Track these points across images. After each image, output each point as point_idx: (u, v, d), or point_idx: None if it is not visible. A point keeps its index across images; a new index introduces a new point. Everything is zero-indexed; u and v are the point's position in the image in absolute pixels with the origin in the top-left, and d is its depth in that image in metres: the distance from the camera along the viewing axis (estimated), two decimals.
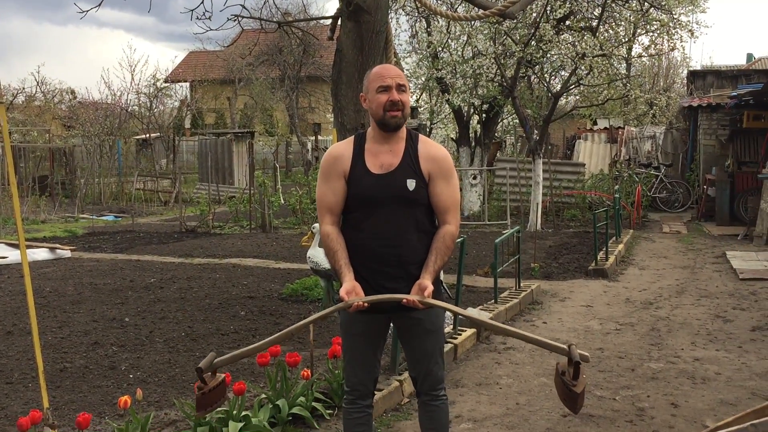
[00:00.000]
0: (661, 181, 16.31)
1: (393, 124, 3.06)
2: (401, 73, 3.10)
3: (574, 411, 2.93)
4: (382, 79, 3.05)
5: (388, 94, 3.03)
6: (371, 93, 3.08)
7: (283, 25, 10.23)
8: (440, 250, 3.06)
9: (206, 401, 2.98)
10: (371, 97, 3.08)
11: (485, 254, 10.00)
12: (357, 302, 2.90)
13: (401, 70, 3.16)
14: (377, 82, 3.06)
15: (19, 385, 4.79)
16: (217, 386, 2.98)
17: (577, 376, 2.84)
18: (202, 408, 3.00)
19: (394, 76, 3.06)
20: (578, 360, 2.82)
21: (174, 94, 28.91)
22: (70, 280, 8.51)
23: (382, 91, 3.04)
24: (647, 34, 12.91)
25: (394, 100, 3.03)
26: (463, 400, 4.72)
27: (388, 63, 6.46)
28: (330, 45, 13.41)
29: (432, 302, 2.96)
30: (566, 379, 2.88)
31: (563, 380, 2.90)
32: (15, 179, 3.39)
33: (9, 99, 26.29)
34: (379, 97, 3.05)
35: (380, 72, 3.08)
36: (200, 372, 2.92)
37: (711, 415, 4.41)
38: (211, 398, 2.99)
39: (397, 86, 3.04)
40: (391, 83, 3.04)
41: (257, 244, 11.72)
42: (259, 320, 6.52)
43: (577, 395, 2.86)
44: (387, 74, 3.07)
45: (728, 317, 6.87)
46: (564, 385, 2.90)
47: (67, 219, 16.25)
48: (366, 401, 3.25)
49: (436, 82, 14.67)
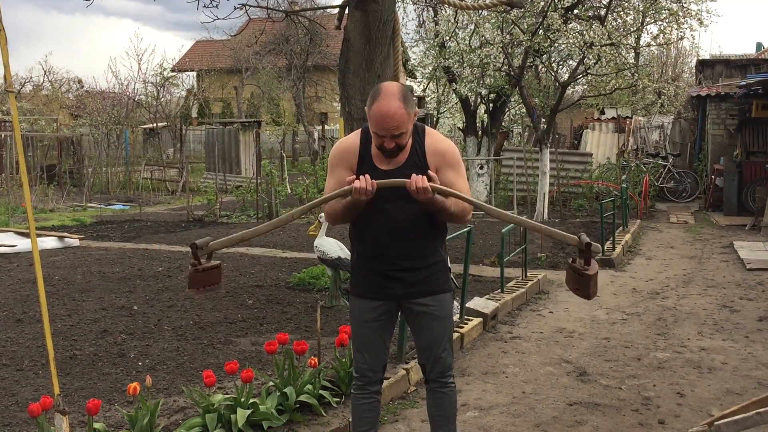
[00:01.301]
0: (668, 171, 16.26)
1: (387, 155, 3.05)
2: (399, 123, 2.93)
3: (588, 297, 2.92)
4: (379, 129, 2.95)
5: (383, 140, 2.99)
6: (371, 125, 3.00)
7: (290, 14, 10.22)
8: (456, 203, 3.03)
9: (198, 279, 2.97)
10: (370, 128, 3.01)
11: (492, 244, 10.00)
12: (363, 181, 2.88)
13: (407, 61, 3.12)
14: (375, 127, 2.96)
15: (29, 372, 4.84)
16: (211, 268, 2.97)
17: (588, 262, 2.85)
18: (194, 286, 2.98)
19: (392, 129, 2.93)
20: (588, 242, 2.83)
21: (181, 83, 28.94)
22: (79, 269, 8.57)
23: (377, 137, 3.00)
24: (656, 23, 12.82)
25: (388, 148, 2.99)
26: (470, 389, 4.74)
27: (396, 53, 6.46)
28: (337, 34, 13.39)
29: (438, 187, 2.93)
30: (578, 266, 2.88)
31: (574, 267, 2.90)
32: (25, 167, 3.41)
33: (17, 88, 26.34)
34: (375, 137, 3.01)
35: (379, 120, 2.93)
36: (194, 247, 2.91)
37: (717, 404, 4.42)
38: (205, 278, 2.99)
39: (391, 137, 2.97)
40: (386, 135, 2.95)
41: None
42: (267, 309, 6.56)
43: (590, 278, 2.85)
44: (385, 126, 2.93)
45: (735, 307, 6.87)
46: (575, 272, 2.90)
47: (75, 208, 16.32)
48: (374, 387, 3.28)
49: (443, 72, 14.62)
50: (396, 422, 4.19)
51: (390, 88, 2.97)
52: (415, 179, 2.90)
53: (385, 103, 2.92)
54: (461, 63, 13.68)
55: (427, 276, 3.14)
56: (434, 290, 3.16)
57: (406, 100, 2.96)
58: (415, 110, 3.05)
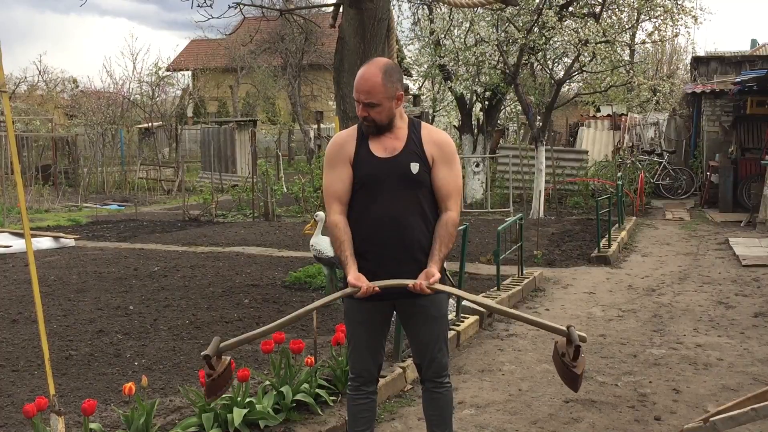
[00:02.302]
0: (664, 168, 16.28)
1: (365, 131, 3.10)
2: (371, 89, 2.98)
3: (575, 389, 2.98)
4: (355, 92, 3.02)
5: (359, 108, 3.06)
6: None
7: (284, 13, 10.21)
8: (443, 237, 3.07)
9: (215, 387, 3.01)
10: None
11: (488, 242, 10.01)
12: (366, 286, 2.92)
13: (403, 59, 3.14)
14: (354, 89, 3.03)
15: (25, 373, 4.83)
16: (224, 371, 3.01)
17: (576, 357, 2.87)
18: (212, 394, 3.03)
19: (362, 93, 3.00)
20: (578, 343, 2.85)
21: (176, 82, 28.91)
22: (75, 269, 8.55)
23: (357, 103, 3.06)
24: (650, 20, 12.84)
25: (360, 116, 3.06)
26: (466, 387, 4.75)
27: (391, 51, 6.45)
28: (332, 33, 13.37)
29: (440, 287, 2.99)
30: (566, 361, 2.91)
31: (563, 361, 2.94)
32: (19, 168, 3.40)
33: (11, 88, 26.26)
34: (356, 104, 3.08)
35: (356, 82, 3.01)
36: (208, 359, 2.95)
37: (712, 400, 4.43)
38: (220, 383, 3.02)
39: (364, 104, 3.02)
40: (358, 98, 3.02)
41: (260, 232, 11.74)
42: (263, 308, 6.55)
43: (577, 376, 2.90)
44: (357, 87, 3.01)
45: (731, 303, 6.89)
46: (564, 366, 2.93)
47: (70, 208, 16.28)
48: (370, 387, 3.27)
49: (439, 70, 14.63)
50: (392, 420, 4.19)
51: (379, 60, 3.10)
52: (415, 283, 2.93)
53: (366, 68, 3.04)
54: (456, 61, 13.69)
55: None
56: None
57: (388, 74, 3.01)
58: (399, 92, 3.07)
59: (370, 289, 2.93)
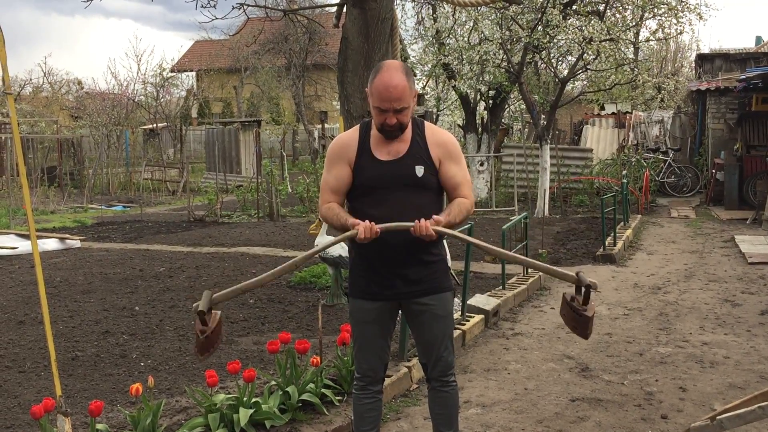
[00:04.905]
0: (669, 166, 16.24)
1: (388, 136, 3.05)
2: (402, 95, 2.92)
3: (585, 336, 2.95)
4: (381, 102, 2.94)
5: (385, 116, 2.98)
6: (372, 100, 2.99)
7: (288, 13, 10.22)
8: (454, 208, 3.04)
9: (208, 343, 2.95)
10: (372, 104, 3.01)
11: (493, 241, 9.99)
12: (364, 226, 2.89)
13: (406, 59, 3.13)
14: (377, 100, 2.95)
15: (31, 374, 4.84)
16: (216, 326, 2.95)
17: (587, 301, 2.86)
18: (204, 351, 2.96)
19: (394, 101, 2.92)
20: (588, 284, 2.84)
21: (180, 83, 28.96)
22: (80, 270, 8.57)
23: (379, 112, 2.98)
24: (655, 17, 12.81)
25: (390, 124, 2.99)
26: (472, 386, 4.74)
27: (394, 50, 6.46)
28: (336, 33, 13.38)
29: (443, 230, 2.94)
30: (576, 305, 2.89)
31: (573, 306, 2.91)
32: (24, 170, 3.41)
33: (17, 90, 26.34)
34: (376, 113, 3.00)
35: (382, 92, 2.92)
36: (202, 314, 2.89)
37: (719, 398, 4.42)
38: (212, 339, 2.96)
39: (394, 111, 2.96)
40: (389, 108, 2.94)
41: (265, 232, 11.75)
42: (268, 308, 6.56)
43: (587, 319, 2.87)
44: (388, 96, 2.91)
45: (737, 301, 6.87)
46: (573, 311, 2.91)
47: (75, 209, 16.32)
48: (376, 387, 3.27)
49: (443, 69, 14.62)
50: (398, 420, 4.19)
51: (392, 63, 3.03)
52: (419, 225, 2.90)
53: (388, 75, 2.93)
54: (460, 60, 13.68)
55: (428, 275, 3.13)
56: (435, 289, 3.15)
57: (409, 75, 2.99)
58: (415, 90, 3.06)
59: (368, 228, 2.90)
